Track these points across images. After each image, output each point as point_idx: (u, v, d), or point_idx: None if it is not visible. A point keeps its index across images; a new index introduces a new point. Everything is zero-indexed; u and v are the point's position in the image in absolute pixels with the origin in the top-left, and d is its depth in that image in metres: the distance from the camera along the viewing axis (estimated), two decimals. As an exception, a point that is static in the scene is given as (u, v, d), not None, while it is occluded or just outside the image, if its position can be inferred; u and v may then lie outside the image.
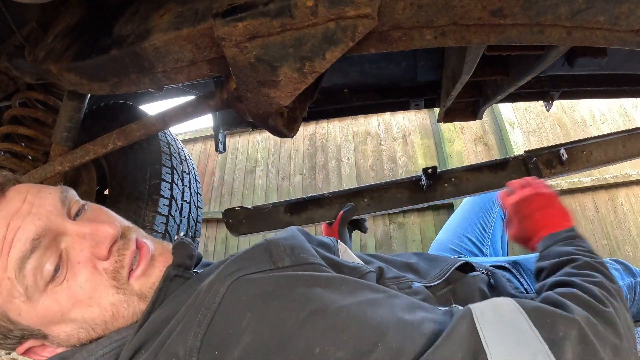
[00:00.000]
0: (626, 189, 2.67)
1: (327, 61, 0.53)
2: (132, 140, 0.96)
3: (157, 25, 0.65)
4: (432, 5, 0.49)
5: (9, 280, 0.48)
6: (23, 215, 0.49)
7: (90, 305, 0.51)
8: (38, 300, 0.49)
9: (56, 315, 0.50)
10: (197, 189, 1.93)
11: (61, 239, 0.52)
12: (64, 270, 0.50)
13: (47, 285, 0.49)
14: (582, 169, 1.31)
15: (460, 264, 0.79)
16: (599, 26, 0.48)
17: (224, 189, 3.88)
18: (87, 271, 0.51)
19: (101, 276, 0.52)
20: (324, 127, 3.76)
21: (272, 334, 0.42)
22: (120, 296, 0.52)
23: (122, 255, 0.54)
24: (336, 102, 1.44)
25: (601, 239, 2.59)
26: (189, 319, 0.44)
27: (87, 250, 0.52)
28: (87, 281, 0.51)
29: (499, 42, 0.53)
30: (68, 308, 0.50)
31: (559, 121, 3.04)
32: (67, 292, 0.50)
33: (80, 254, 0.51)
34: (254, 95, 0.60)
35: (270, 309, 0.43)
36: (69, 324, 0.51)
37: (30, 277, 0.48)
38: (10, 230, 0.48)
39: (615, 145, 1.30)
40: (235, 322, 0.43)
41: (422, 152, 3.33)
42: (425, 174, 1.37)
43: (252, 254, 0.51)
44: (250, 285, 0.46)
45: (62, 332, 0.52)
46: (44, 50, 0.84)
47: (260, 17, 0.50)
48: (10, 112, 1.27)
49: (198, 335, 0.43)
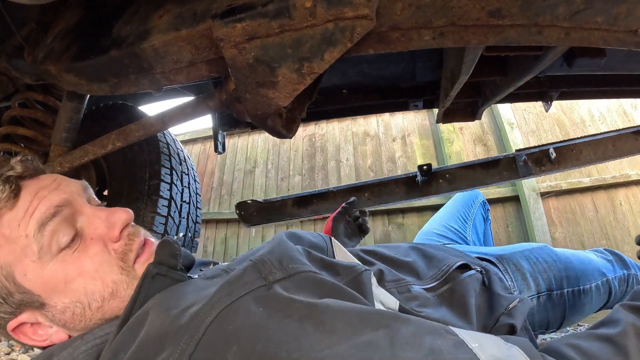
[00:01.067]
0: (625, 189, 2.67)
1: (326, 62, 0.53)
2: (132, 140, 0.96)
3: (156, 26, 0.65)
4: (430, 6, 0.49)
5: (26, 238, 0.51)
6: (50, 189, 0.55)
7: (94, 278, 0.54)
8: (47, 263, 0.52)
9: (60, 282, 0.53)
10: (197, 189, 1.93)
11: (78, 217, 0.56)
12: (77, 242, 0.54)
13: (59, 252, 0.52)
14: (572, 167, 1.38)
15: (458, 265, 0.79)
16: (598, 27, 0.48)
17: (223, 189, 3.88)
18: (97, 247, 0.55)
19: (110, 255, 0.55)
20: (323, 128, 3.76)
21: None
22: (124, 277, 0.55)
23: (132, 240, 0.58)
24: (335, 102, 1.44)
25: (600, 239, 2.59)
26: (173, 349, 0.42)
27: (100, 230, 0.56)
28: (96, 255, 0.54)
29: (497, 43, 0.53)
30: (73, 277, 0.53)
31: (558, 121, 3.04)
32: (76, 261, 0.53)
33: (93, 232, 0.56)
34: (252, 96, 0.60)
35: (257, 345, 0.41)
36: (69, 294, 0.53)
37: (47, 239, 0.52)
38: (37, 197, 0.53)
39: (605, 145, 1.36)
40: (221, 354, 0.41)
41: (421, 152, 3.33)
42: (420, 171, 1.48)
43: (241, 275, 0.49)
44: (238, 315, 0.43)
45: (60, 303, 0.53)
46: (44, 51, 0.84)
47: (259, 18, 0.50)
48: (9, 112, 1.27)
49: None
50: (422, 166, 1.49)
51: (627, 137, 1.34)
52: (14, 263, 0.52)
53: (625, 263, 1.25)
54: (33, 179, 0.57)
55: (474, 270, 0.81)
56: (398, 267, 0.77)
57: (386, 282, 0.68)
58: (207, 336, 0.42)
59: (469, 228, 1.50)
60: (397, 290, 0.67)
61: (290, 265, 0.53)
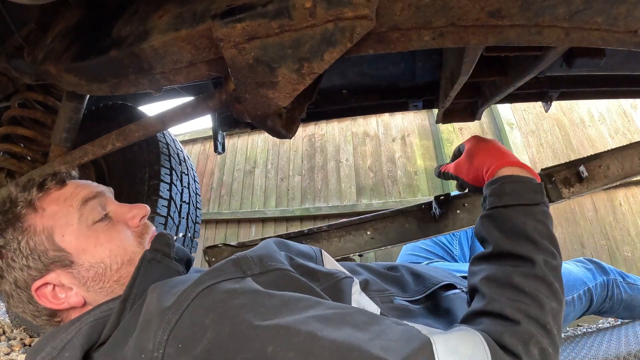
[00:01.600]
0: (625, 190, 2.67)
1: (326, 62, 0.53)
2: (131, 141, 0.96)
3: (156, 27, 0.65)
4: (430, 6, 0.49)
5: (72, 208, 0.65)
6: (88, 184, 0.72)
7: (118, 246, 0.66)
8: (83, 229, 0.65)
9: (91, 245, 0.64)
10: (196, 189, 1.93)
11: (107, 206, 0.70)
12: (107, 220, 0.68)
13: (94, 223, 0.66)
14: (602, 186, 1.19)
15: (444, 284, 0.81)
16: (597, 27, 0.48)
17: (223, 189, 3.88)
18: (123, 226, 0.69)
19: (131, 232, 0.70)
20: (322, 128, 3.76)
21: (231, 332, 0.46)
22: (139, 250, 0.68)
23: (147, 227, 0.73)
24: (335, 102, 1.44)
25: (600, 240, 2.59)
26: (160, 319, 0.49)
27: (124, 217, 0.70)
28: (122, 231, 0.68)
29: (497, 43, 0.53)
30: (102, 242, 0.65)
31: (558, 122, 3.04)
32: (106, 231, 0.66)
33: (119, 217, 0.70)
34: (252, 96, 0.60)
35: (230, 310, 0.48)
36: (96, 255, 0.64)
37: (87, 212, 0.66)
38: (80, 186, 0.70)
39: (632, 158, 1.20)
40: (200, 320, 0.48)
41: (420, 152, 3.33)
42: (437, 202, 1.24)
43: (222, 266, 0.56)
44: (217, 291, 0.51)
45: (87, 262, 0.64)
46: (43, 51, 0.84)
47: (258, 18, 0.50)
48: (9, 112, 1.26)
49: (166, 330, 0.48)
50: (439, 196, 1.24)
51: None
52: (56, 226, 0.64)
53: (604, 270, 1.31)
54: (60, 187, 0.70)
55: (459, 289, 0.83)
56: (385, 279, 0.80)
57: (370, 291, 0.70)
58: (190, 307, 0.49)
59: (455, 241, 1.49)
60: (380, 299, 0.69)
61: (269, 263, 0.58)
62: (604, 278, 1.29)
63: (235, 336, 0.46)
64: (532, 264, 0.57)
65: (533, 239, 0.60)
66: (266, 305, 0.49)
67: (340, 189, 3.40)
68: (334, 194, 3.40)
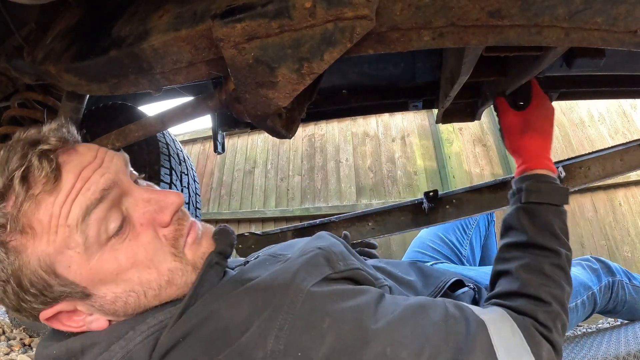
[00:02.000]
0: (625, 190, 2.67)
1: (326, 62, 0.53)
2: (131, 141, 0.96)
3: (155, 27, 0.65)
4: (430, 6, 0.49)
5: (68, 228, 0.46)
6: (93, 168, 0.49)
7: (148, 267, 0.50)
8: (95, 254, 0.48)
9: (111, 274, 0.49)
10: (196, 189, 1.93)
11: (124, 199, 0.52)
12: (127, 229, 0.50)
13: (109, 240, 0.48)
14: (581, 184, 1.32)
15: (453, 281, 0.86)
16: (597, 27, 0.48)
17: (222, 189, 3.88)
18: (149, 234, 0.51)
19: (162, 242, 0.52)
20: (322, 128, 3.76)
21: (353, 336, 0.47)
22: (177, 264, 0.53)
23: (181, 225, 0.55)
24: (335, 103, 1.44)
25: (600, 240, 2.59)
26: (266, 324, 0.45)
27: (150, 214, 0.52)
28: (150, 243, 0.51)
29: (497, 43, 0.53)
30: (126, 267, 0.49)
31: (558, 122, 3.04)
32: (129, 250, 0.49)
33: (142, 217, 0.52)
34: (252, 96, 0.60)
35: (345, 314, 0.48)
36: (120, 284, 0.49)
37: (94, 228, 0.47)
38: (81, 179, 0.47)
39: (613, 160, 1.31)
40: (317, 325, 0.46)
41: (420, 152, 3.33)
42: (426, 197, 1.42)
43: (315, 261, 0.55)
44: (323, 294, 0.50)
45: (111, 292, 0.49)
46: (43, 51, 0.84)
47: (258, 18, 0.50)
48: (9, 112, 1.26)
49: (280, 339, 0.45)
50: (429, 192, 1.44)
51: (635, 149, 1.30)
52: (55, 255, 0.46)
53: (610, 270, 1.31)
54: (71, 152, 0.50)
55: (467, 287, 0.88)
56: (401, 284, 0.83)
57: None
58: (301, 311, 0.47)
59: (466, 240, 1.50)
60: None
61: (348, 261, 0.60)
62: (609, 279, 1.29)
63: (358, 340, 0.46)
64: (558, 256, 0.68)
65: (558, 236, 0.71)
66: (371, 307, 0.50)
67: (340, 189, 3.40)
68: (334, 194, 3.40)
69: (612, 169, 1.30)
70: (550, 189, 0.75)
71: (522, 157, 0.84)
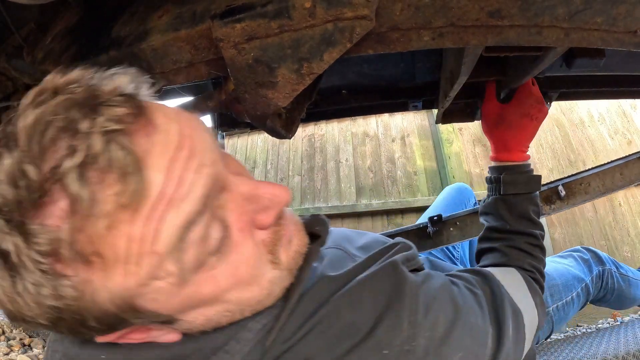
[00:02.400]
0: (624, 190, 2.67)
1: (325, 62, 0.53)
2: (131, 141, 0.95)
3: (155, 27, 0.65)
4: (429, 6, 0.49)
5: (157, 256, 0.32)
6: (186, 158, 0.34)
7: (250, 284, 0.40)
8: (189, 281, 0.36)
9: (208, 298, 0.38)
10: (196, 190, 1.93)
11: (220, 196, 0.38)
12: (226, 240, 0.37)
13: (207, 259, 0.36)
14: (582, 201, 1.35)
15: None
16: (597, 27, 0.48)
17: (222, 190, 3.88)
18: (250, 243, 0.40)
19: (260, 250, 0.41)
20: (322, 128, 3.76)
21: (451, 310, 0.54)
22: (276, 272, 0.43)
23: (280, 225, 0.44)
24: (334, 103, 1.44)
25: (599, 240, 2.59)
26: (397, 314, 0.48)
27: (249, 215, 0.40)
28: (252, 255, 0.40)
29: (496, 43, 0.53)
30: (227, 288, 0.38)
31: (558, 122, 3.04)
32: (229, 268, 0.38)
33: (240, 220, 0.39)
34: (252, 96, 0.60)
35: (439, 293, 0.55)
36: (215, 306, 0.39)
37: (192, 252, 0.34)
38: (171, 181, 0.32)
39: (613, 174, 1.34)
40: (432, 306, 0.52)
41: (420, 153, 3.33)
42: (431, 222, 1.48)
43: (409, 255, 0.61)
44: (432, 288, 0.55)
45: (202, 316, 0.40)
46: (43, 51, 0.84)
47: (258, 19, 0.50)
48: (9, 112, 1.26)
49: (414, 324, 0.48)
50: (433, 217, 1.48)
51: (633, 163, 1.33)
52: (136, 288, 0.34)
53: (600, 259, 1.35)
54: (149, 129, 0.33)
55: None
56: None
57: None
58: (423, 300, 0.52)
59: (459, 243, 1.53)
60: None
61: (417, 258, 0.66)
62: (600, 269, 1.34)
63: (454, 313, 0.54)
64: (535, 238, 0.81)
65: (534, 220, 0.84)
66: (449, 286, 0.59)
67: (340, 189, 3.40)
68: (334, 194, 3.40)
69: (612, 184, 1.33)
70: (525, 179, 0.86)
71: (495, 146, 0.92)
